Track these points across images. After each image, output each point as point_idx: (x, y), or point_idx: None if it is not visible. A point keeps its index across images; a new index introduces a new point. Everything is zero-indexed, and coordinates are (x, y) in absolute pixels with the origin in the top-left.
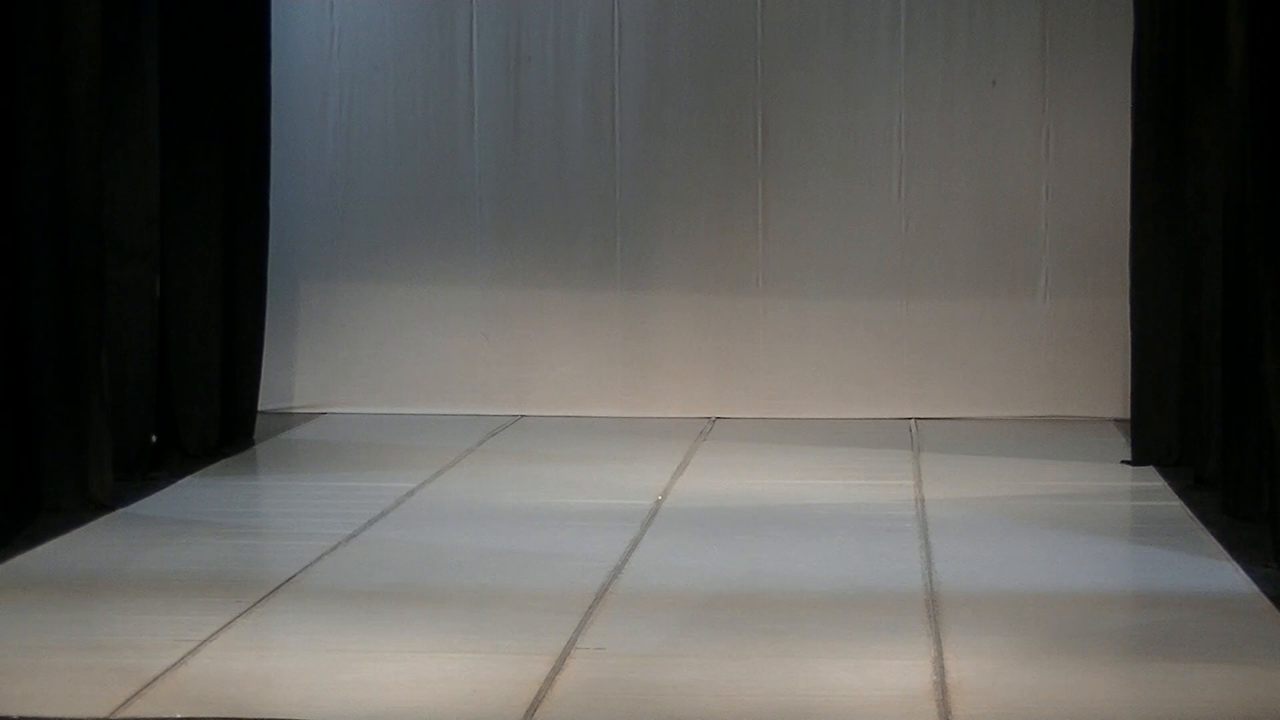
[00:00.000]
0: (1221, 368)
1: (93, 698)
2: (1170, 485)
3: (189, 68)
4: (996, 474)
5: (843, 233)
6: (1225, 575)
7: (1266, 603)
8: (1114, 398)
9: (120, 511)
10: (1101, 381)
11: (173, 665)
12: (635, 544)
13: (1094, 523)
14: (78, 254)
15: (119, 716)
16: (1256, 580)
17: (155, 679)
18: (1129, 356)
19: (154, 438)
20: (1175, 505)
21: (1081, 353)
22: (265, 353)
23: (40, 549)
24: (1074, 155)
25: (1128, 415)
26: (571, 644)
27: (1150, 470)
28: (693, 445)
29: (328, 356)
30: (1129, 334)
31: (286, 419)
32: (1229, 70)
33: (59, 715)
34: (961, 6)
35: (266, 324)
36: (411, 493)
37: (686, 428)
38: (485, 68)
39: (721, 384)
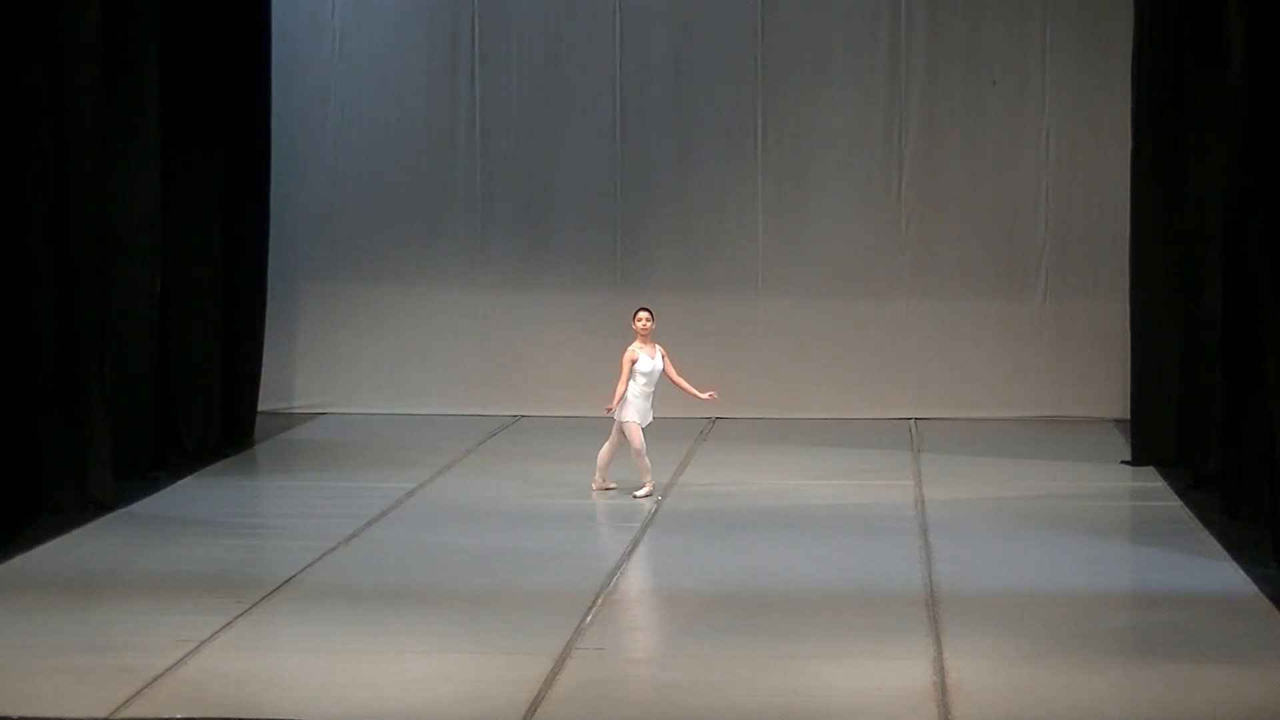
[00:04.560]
0: (1221, 368)
1: (93, 698)
2: (1170, 485)
3: (189, 68)
4: (996, 474)
5: (843, 233)
6: (1225, 575)
7: (1266, 603)
8: (1114, 398)
9: (120, 511)
10: (1101, 381)
11: (173, 665)
12: (635, 544)
13: (1094, 523)
14: (78, 254)
15: (119, 716)
16: (1256, 580)
17: (155, 679)
18: (1129, 356)
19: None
20: (1175, 505)
21: (1081, 353)
22: (265, 353)
23: (40, 549)
24: (1074, 155)
25: (1128, 415)
26: (571, 644)
27: (1150, 470)
28: (693, 445)
29: (327, 356)
30: (1129, 334)
31: (286, 419)
32: (1229, 70)
33: (59, 715)
34: (961, 7)
35: (266, 324)
36: (411, 493)
37: (686, 428)
38: (486, 68)
39: (721, 384)
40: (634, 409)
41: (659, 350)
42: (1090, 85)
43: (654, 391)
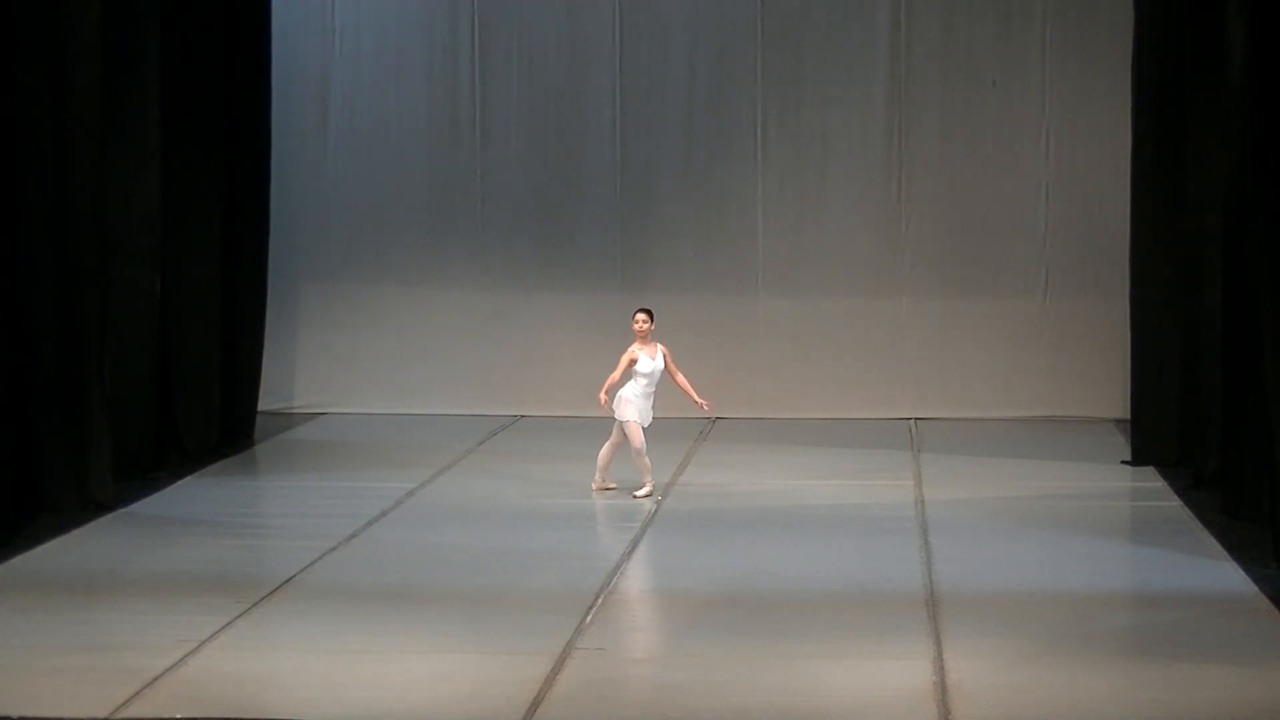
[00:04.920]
0: (1221, 368)
1: (93, 698)
2: (1170, 485)
3: (189, 68)
4: (996, 474)
5: (843, 232)
6: (1225, 575)
7: (1266, 603)
8: (1114, 398)
9: (120, 511)
10: (1101, 381)
11: (173, 665)
12: (635, 544)
13: (1094, 523)
14: (78, 254)
15: (119, 716)
16: (1256, 580)
17: (155, 679)
18: (1129, 356)
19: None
20: (1175, 505)
21: (1081, 353)
22: (265, 352)
23: (40, 549)
24: (1074, 155)
25: (1128, 415)
26: (571, 644)
27: (1150, 470)
28: (692, 446)
29: (327, 356)
30: (1129, 334)
31: (286, 419)
32: (1229, 70)
33: (59, 715)
34: (961, 7)
35: (266, 324)
36: (411, 493)
37: (686, 428)
38: (486, 68)
39: (721, 384)
40: (635, 408)
41: (660, 350)
42: (1090, 85)
43: (654, 392)
